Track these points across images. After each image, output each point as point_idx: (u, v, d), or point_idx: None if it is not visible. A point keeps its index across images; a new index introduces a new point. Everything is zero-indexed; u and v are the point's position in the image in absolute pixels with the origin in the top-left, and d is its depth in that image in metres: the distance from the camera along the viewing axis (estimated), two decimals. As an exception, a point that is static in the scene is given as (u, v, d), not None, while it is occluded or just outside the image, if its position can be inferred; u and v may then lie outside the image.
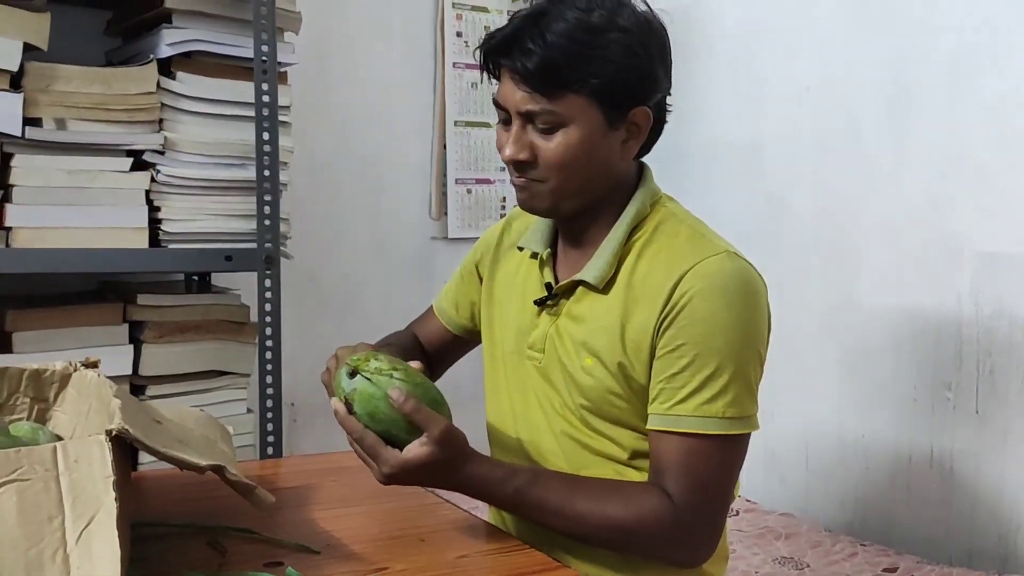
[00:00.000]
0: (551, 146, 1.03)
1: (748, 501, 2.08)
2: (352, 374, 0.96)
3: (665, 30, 1.07)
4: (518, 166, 1.06)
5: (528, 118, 1.03)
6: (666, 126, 1.12)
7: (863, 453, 1.98)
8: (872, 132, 1.95)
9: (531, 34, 0.99)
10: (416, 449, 0.94)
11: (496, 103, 1.07)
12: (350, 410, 0.95)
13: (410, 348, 1.29)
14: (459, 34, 2.38)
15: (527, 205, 1.09)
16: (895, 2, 1.90)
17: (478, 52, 1.07)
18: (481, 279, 1.27)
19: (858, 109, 1.98)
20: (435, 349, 1.33)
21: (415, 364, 1.01)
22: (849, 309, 2.00)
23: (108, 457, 0.71)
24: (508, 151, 1.05)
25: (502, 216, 2.52)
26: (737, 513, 2.00)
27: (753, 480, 2.12)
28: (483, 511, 1.20)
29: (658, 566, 1.05)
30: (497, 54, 1.04)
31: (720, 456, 1.02)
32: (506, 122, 1.06)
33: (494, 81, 1.08)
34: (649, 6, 1.06)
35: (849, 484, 2.01)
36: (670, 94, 1.10)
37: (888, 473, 1.93)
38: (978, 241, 1.75)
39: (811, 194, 2.09)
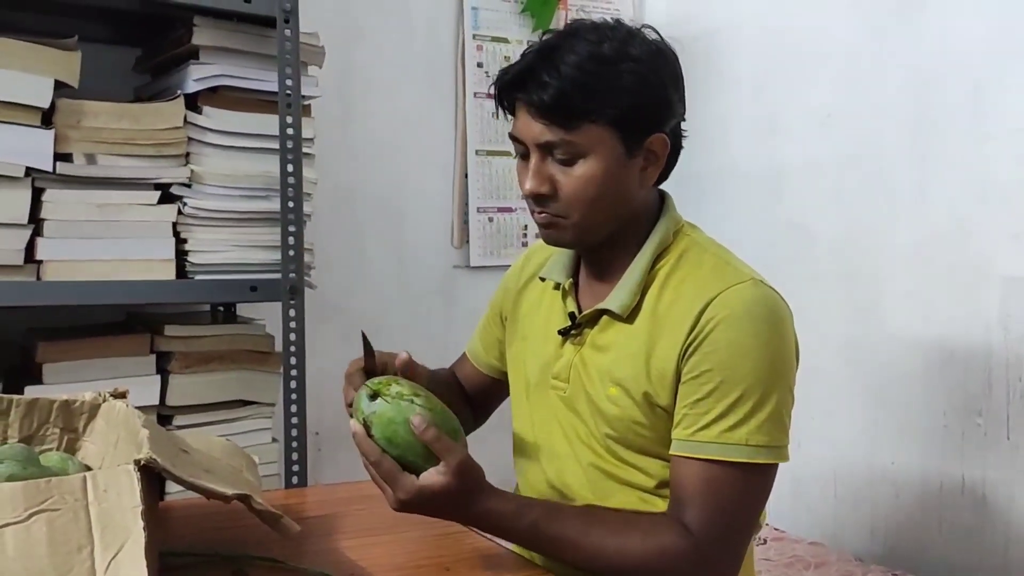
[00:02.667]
0: (572, 178, 1.03)
1: (776, 530, 2.06)
2: (373, 397, 0.95)
3: (676, 57, 1.08)
4: (539, 200, 1.06)
5: (547, 150, 1.04)
6: (687, 153, 1.13)
7: (892, 481, 1.95)
8: (895, 157, 1.94)
9: (545, 67, 1.01)
10: (432, 477, 0.94)
11: (513, 138, 1.07)
12: (368, 432, 0.95)
13: (448, 382, 1.30)
14: (479, 64, 2.41)
15: (552, 240, 1.10)
16: (917, 26, 1.90)
17: (493, 88, 1.08)
18: (504, 320, 1.29)
19: (881, 134, 1.97)
20: (474, 392, 1.34)
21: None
22: (875, 336, 1.98)
23: (137, 487, 0.71)
24: (529, 185, 1.05)
25: (524, 244, 2.54)
26: (765, 542, 1.97)
27: (780, 508, 2.09)
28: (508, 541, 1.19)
29: None
30: (513, 89, 1.05)
31: (742, 485, 1.00)
32: (524, 156, 1.07)
33: (509, 117, 1.09)
34: (659, 34, 1.07)
35: (879, 512, 1.98)
36: (685, 119, 1.10)
37: (919, 501, 1.89)
38: (1005, 265, 1.73)
39: (834, 220, 2.08)
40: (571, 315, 1.13)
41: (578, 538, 0.99)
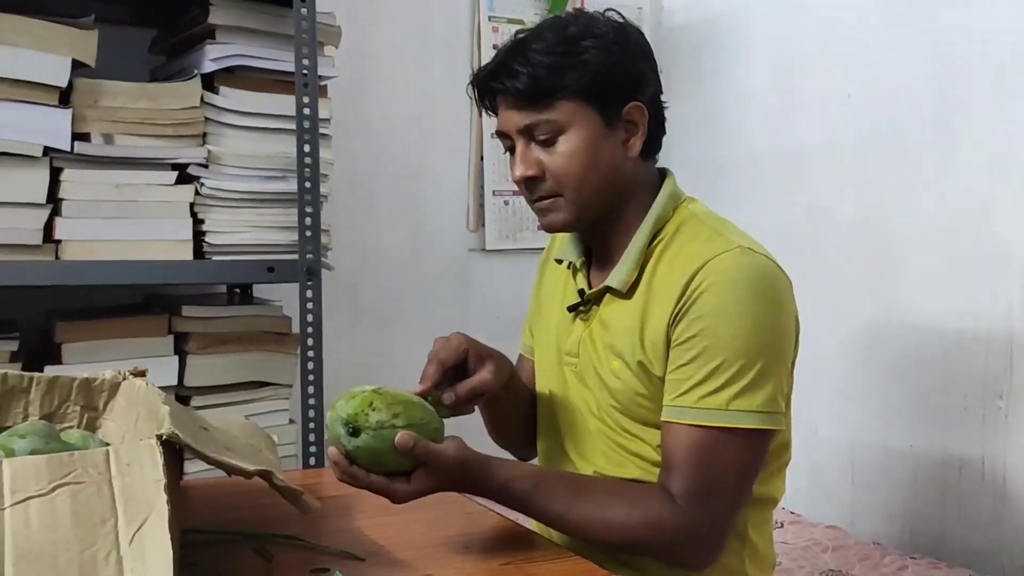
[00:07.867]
0: (556, 155, 1.06)
1: (792, 513, 2.05)
2: (354, 432, 0.93)
3: (642, 34, 1.12)
4: (529, 185, 1.09)
5: (528, 134, 1.07)
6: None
7: (911, 464, 1.94)
8: (916, 138, 1.92)
9: (515, 59, 1.06)
10: (424, 480, 0.96)
11: (499, 134, 1.12)
12: (352, 461, 0.94)
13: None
14: (495, 47, 2.38)
15: (552, 225, 1.12)
16: (938, 6, 1.87)
17: (471, 88, 1.13)
18: (532, 329, 1.32)
19: (901, 114, 1.95)
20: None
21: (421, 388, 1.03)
22: (895, 318, 1.96)
23: (159, 461, 0.71)
24: (517, 171, 1.09)
25: (539, 228, 2.52)
26: (782, 525, 1.97)
27: (797, 492, 2.08)
28: (527, 519, 1.19)
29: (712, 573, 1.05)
30: (489, 82, 1.09)
31: (726, 450, 1.00)
32: (511, 150, 1.11)
33: (494, 116, 1.13)
34: (624, 17, 1.11)
35: (897, 496, 1.97)
36: (663, 92, 1.13)
37: (938, 484, 1.88)
38: (1028, 246, 1.71)
39: (854, 202, 2.06)
40: (580, 292, 1.16)
41: (562, 511, 1.02)
